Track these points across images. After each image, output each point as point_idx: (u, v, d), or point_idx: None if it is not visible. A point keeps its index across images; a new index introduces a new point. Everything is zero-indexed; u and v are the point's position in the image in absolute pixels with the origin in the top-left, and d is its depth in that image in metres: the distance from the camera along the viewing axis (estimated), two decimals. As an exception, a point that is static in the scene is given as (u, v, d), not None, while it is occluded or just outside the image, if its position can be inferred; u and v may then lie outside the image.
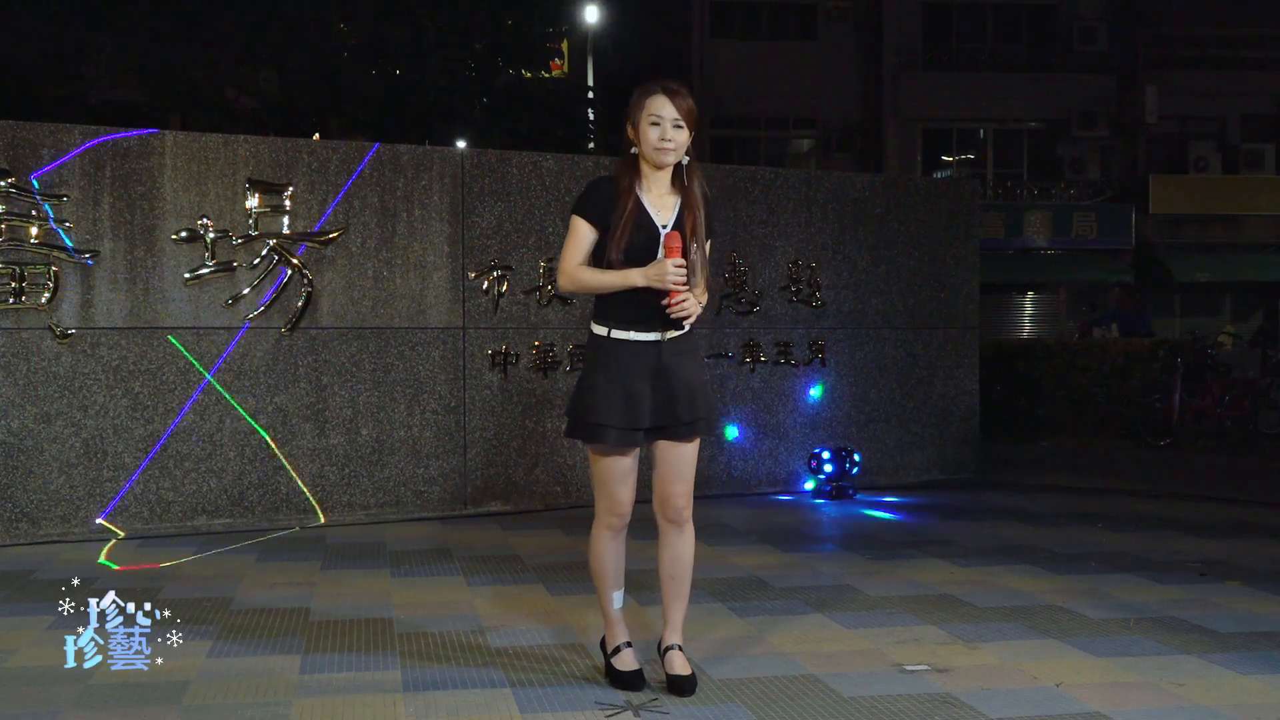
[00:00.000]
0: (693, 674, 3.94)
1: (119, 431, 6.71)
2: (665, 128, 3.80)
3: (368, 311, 7.27)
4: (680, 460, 3.96)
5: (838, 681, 4.06)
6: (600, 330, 3.89)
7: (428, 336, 7.43)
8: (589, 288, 3.85)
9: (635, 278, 3.77)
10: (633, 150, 3.90)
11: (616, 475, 3.90)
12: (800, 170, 13.50)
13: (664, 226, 3.84)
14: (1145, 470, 10.15)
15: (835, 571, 5.86)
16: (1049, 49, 25.34)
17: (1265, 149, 25.08)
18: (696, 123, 3.86)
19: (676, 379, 3.88)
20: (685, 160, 3.90)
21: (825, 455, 8.29)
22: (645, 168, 3.89)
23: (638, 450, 3.92)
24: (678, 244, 3.76)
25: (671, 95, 3.82)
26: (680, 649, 3.96)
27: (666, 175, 3.89)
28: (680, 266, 3.74)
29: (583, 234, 3.85)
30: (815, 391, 8.52)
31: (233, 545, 6.51)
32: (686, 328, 3.90)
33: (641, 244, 3.80)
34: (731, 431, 8.34)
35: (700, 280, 3.90)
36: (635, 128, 3.86)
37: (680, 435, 3.93)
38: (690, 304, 3.78)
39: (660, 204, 3.87)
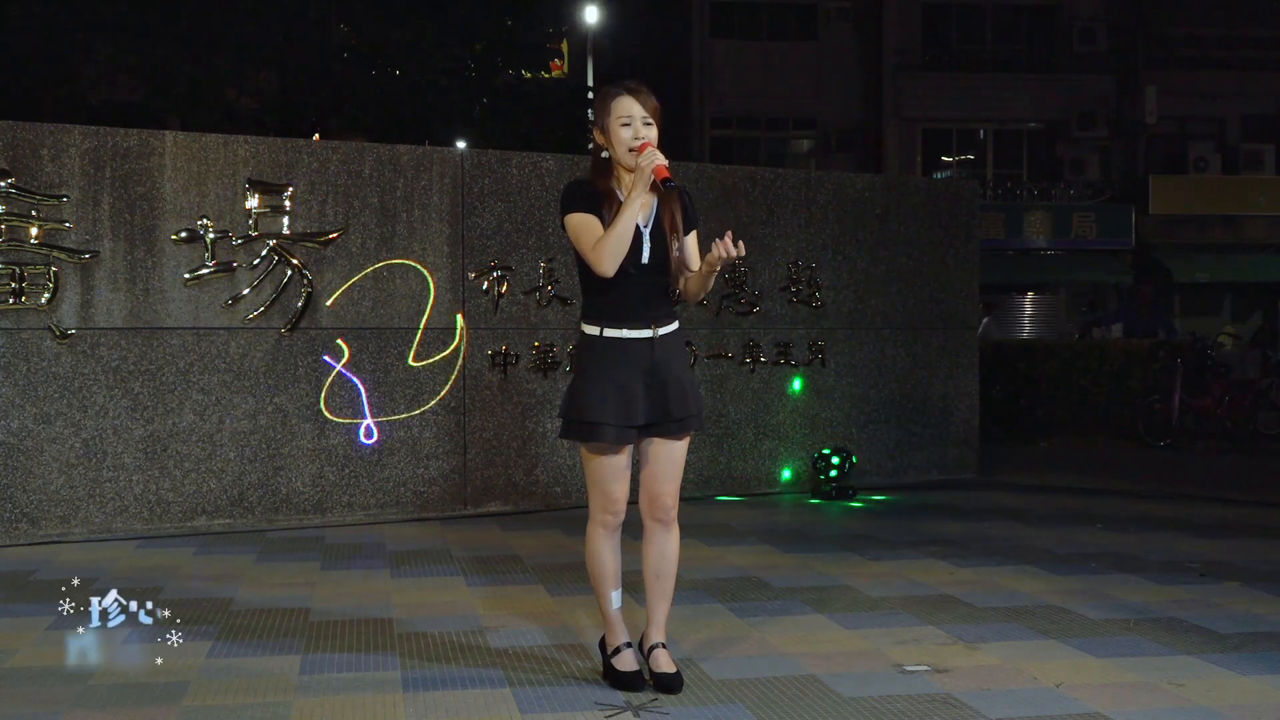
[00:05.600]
0: (679, 671, 3.95)
1: (119, 431, 6.71)
2: (636, 127, 3.83)
3: (368, 312, 7.27)
4: (671, 458, 3.96)
5: (838, 681, 4.06)
6: (592, 330, 3.91)
7: (428, 337, 7.42)
8: (619, 240, 3.77)
9: (633, 199, 3.76)
10: (603, 154, 3.91)
11: (611, 473, 3.90)
12: (800, 170, 13.49)
13: (645, 226, 3.85)
14: (1145, 470, 10.15)
15: (835, 571, 5.86)
16: (1049, 49, 25.34)
17: (1265, 149, 25.08)
18: (661, 119, 3.87)
19: (668, 376, 3.89)
20: None
21: (826, 456, 8.30)
22: (619, 170, 3.90)
23: (631, 448, 3.92)
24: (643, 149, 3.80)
25: (636, 94, 3.85)
26: (665, 647, 3.97)
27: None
28: (641, 149, 3.76)
29: (590, 221, 3.84)
30: (797, 386, 8.49)
31: (233, 545, 6.51)
32: (674, 323, 3.91)
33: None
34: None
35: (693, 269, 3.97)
36: (605, 132, 3.87)
37: (672, 432, 3.93)
38: (658, 155, 3.76)
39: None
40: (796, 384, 8.47)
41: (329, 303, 7.13)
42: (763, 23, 25.45)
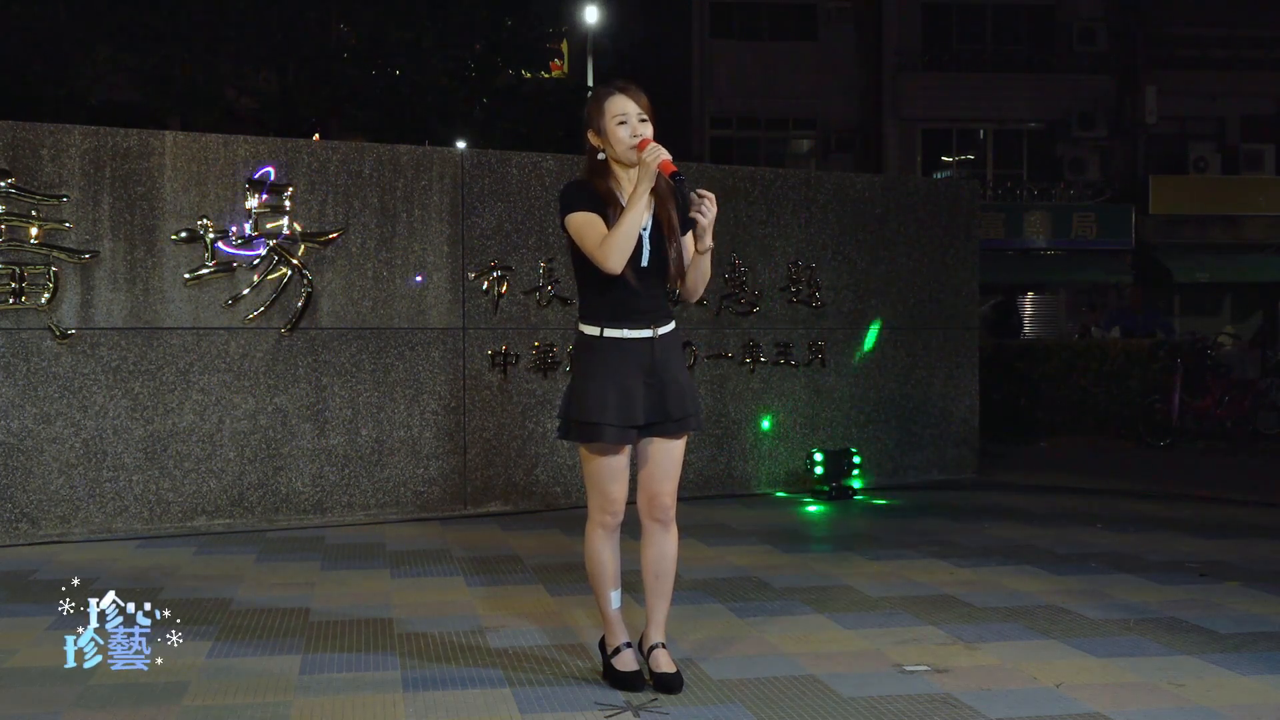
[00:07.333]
0: (679, 671, 3.95)
1: (119, 431, 6.71)
2: (633, 124, 3.82)
3: (368, 312, 7.27)
4: (669, 458, 3.96)
5: (838, 681, 4.06)
6: (591, 330, 3.90)
7: (428, 337, 7.43)
8: (626, 237, 3.75)
9: (639, 196, 3.74)
10: (599, 155, 3.90)
11: (610, 473, 3.90)
12: (800, 170, 13.49)
13: (644, 230, 3.84)
14: (1145, 470, 10.15)
15: (835, 571, 5.86)
16: (1048, 49, 25.33)
17: (1265, 149, 25.07)
18: (654, 116, 3.87)
19: (668, 375, 3.89)
20: None
21: (825, 455, 8.29)
22: (617, 170, 3.90)
23: (630, 448, 3.92)
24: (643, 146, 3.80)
25: (628, 92, 3.85)
26: (665, 647, 3.97)
27: (635, 174, 3.89)
28: (642, 145, 3.76)
29: (593, 219, 3.81)
30: (765, 424, 8.45)
31: (233, 545, 6.51)
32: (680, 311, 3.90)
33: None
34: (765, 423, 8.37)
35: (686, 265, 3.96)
36: (601, 133, 3.87)
37: (671, 432, 3.93)
38: (661, 150, 3.75)
39: None
40: (765, 424, 8.43)
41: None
42: (763, 23, 25.44)
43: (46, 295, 6.53)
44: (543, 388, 7.71)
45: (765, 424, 8.38)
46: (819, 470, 8.21)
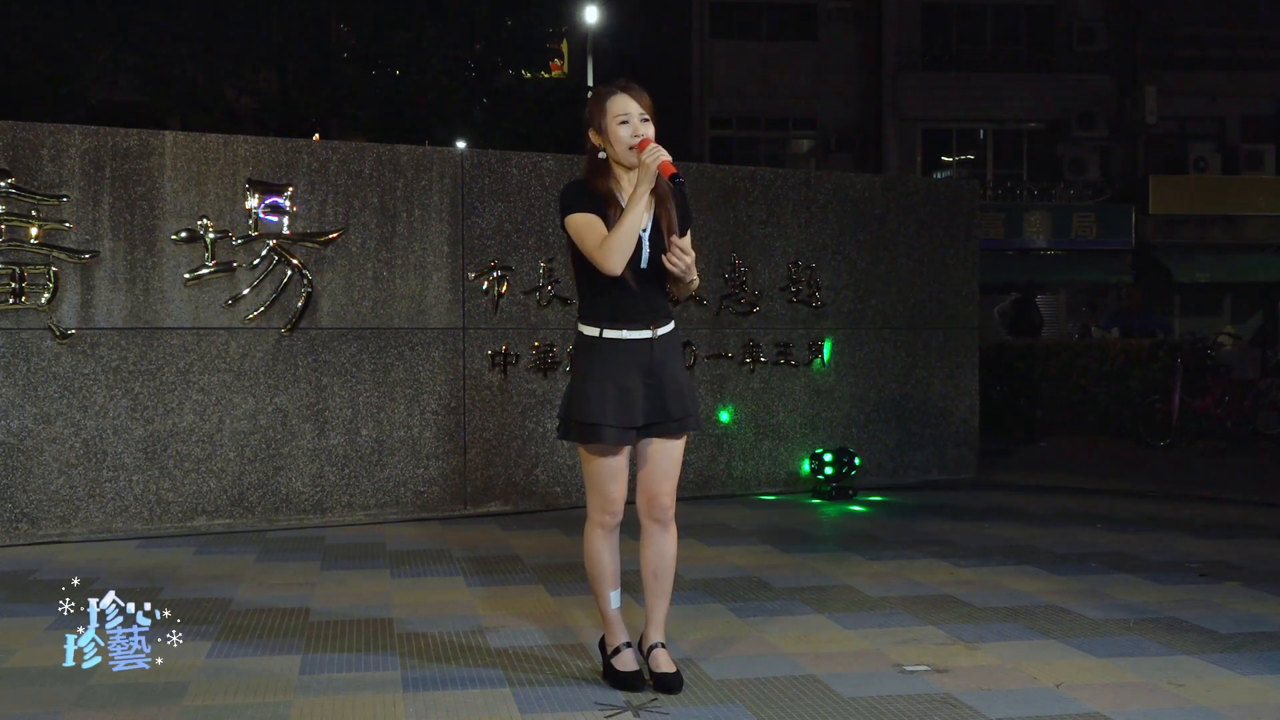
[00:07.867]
0: (678, 671, 3.95)
1: (119, 432, 6.70)
2: (634, 124, 3.81)
3: (368, 312, 7.27)
4: (668, 458, 3.96)
5: (838, 681, 4.06)
6: (590, 331, 3.90)
7: (428, 337, 7.43)
8: (625, 238, 3.75)
9: (639, 198, 3.74)
10: (600, 155, 3.90)
11: (609, 474, 3.91)
12: (800, 170, 13.49)
13: (644, 230, 3.84)
14: (1145, 470, 10.15)
15: (835, 571, 5.86)
16: (1048, 49, 25.34)
17: (1265, 149, 25.08)
18: (655, 116, 3.87)
19: (666, 375, 3.90)
20: None
21: (825, 456, 8.29)
22: (618, 170, 3.89)
23: (629, 448, 3.92)
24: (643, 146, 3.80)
25: (630, 91, 3.85)
26: (664, 646, 3.98)
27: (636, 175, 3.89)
28: (642, 146, 3.75)
29: (593, 220, 3.81)
30: (724, 415, 8.37)
31: (233, 545, 6.51)
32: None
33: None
34: (725, 415, 8.31)
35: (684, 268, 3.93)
36: (601, 132, 3.86)
37: (670, 432, 3.94)
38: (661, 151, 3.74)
39: None
40: (724, 415, 8.37)
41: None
42: (762, 23, 25.45)
43: (46, 295, 6.53)
44: (543, 388, 7.72)
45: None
46: (829, 470, 8.21)
